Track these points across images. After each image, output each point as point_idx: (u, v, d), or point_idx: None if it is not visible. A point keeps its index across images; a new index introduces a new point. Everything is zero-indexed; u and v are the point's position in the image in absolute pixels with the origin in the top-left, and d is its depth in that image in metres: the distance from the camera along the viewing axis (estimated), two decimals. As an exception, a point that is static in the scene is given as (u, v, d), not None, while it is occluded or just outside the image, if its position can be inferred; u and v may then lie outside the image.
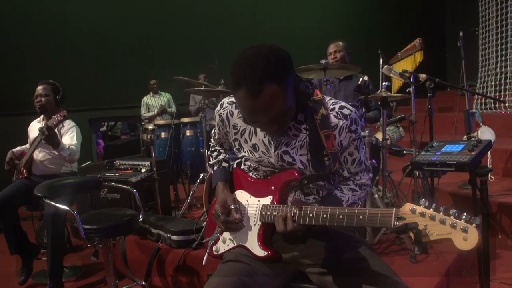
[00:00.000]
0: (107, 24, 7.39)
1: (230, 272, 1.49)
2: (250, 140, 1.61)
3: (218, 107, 1.70)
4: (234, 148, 1.70)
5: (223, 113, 1.67)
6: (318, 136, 1.48)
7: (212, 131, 1.87)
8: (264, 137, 1.57)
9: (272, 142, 1.55)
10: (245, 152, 1.64)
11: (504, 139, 4.55)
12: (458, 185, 3.90)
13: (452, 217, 1.09)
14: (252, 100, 1.29)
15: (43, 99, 3.41)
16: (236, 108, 1.64)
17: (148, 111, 7.22)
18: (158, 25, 8.02)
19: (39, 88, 3.45)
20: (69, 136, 3.42)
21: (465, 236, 1.05)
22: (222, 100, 1.70)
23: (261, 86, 1.28)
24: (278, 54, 1.33)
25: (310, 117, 1.49)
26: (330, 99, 1.55)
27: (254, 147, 1.60)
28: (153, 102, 7.21)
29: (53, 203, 2.42)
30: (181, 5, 8.22)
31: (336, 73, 3.46)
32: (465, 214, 1.08)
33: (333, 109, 1.51)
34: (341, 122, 1.49)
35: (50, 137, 3.06)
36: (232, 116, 1.65)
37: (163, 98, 7.25)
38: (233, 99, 1.66)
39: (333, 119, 1.49)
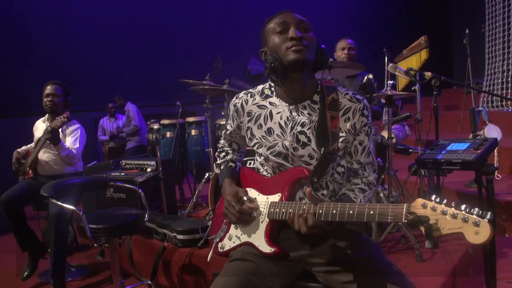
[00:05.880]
0: (112, 24, 7.38)
1: (236, 272, 1.49)
2: (265, 124, 1.63)
3: (234, 99, 1.74)
4: (246, 138, 1.71)
5: (238, 103, 1.71)
6: (324, 115, 1.54)
7: (223, 131, 1.89)
8: (281, 119, 1.60)
9: (288, 123, 1.58)
10: (257, 139, 1.65)
11: (511, 137, 4.51)
12: (464, 184, 3.88)
13: (463, 211, 1.10)
14: (287, 11, 1.58)
15: (56, 99, 3.41)
16: (251, 97, 1.69)
17: (104, 134, 7.17)
18: (164, 26, 8.01)
19: (50, 88, 3.42)
20: (72, 139, 3.43)
21: (477, 230, 1.06)
22: (238, 93, 1.75)
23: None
24: None
25: (322, 98, 1.57)
26: (344, 89, 1.63)
27: (269, 131, 1.62)
28: (108, 126, 7.18)
29: (59, 203, 2.42)
30: (187, 7, 8.22)
31: (341, 72, 3.44)
32: (476, 209, 1.09)
33: (347, 93, 1.60)
34: (354, 105, 1.58)
35: (52, 137, 3.13)
36: (247, 104, 1.69)
37: (117, 123, 7.16)
38: (249, 91, 1.72)
39: (346, 102, 1.58)
